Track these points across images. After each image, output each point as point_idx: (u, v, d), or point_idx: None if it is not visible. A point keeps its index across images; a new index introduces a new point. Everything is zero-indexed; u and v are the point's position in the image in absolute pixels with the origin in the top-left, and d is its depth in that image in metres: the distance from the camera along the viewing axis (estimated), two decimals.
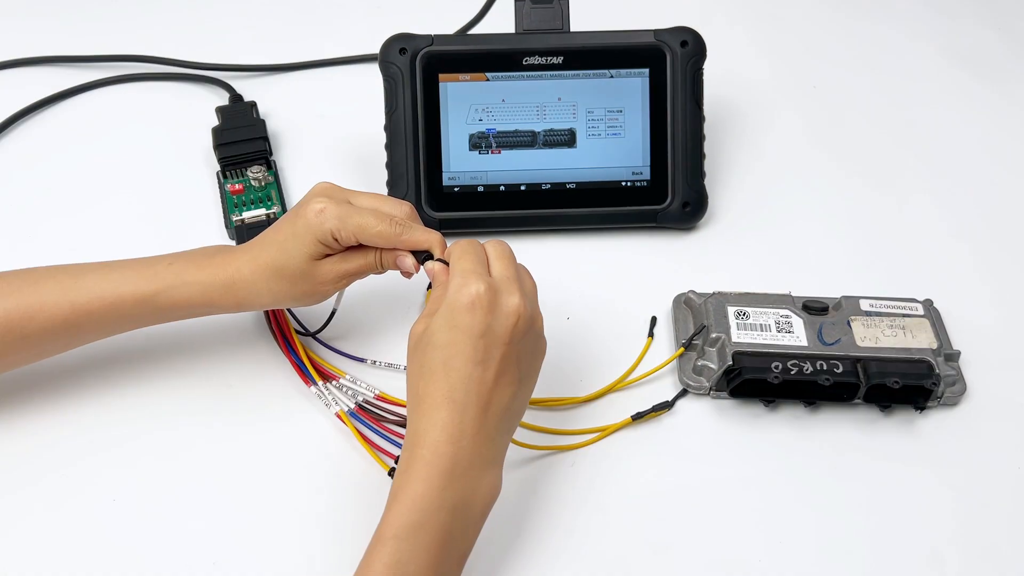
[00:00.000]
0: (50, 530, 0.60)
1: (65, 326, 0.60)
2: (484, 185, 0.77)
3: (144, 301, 0.61)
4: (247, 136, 0.83)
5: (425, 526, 0.50)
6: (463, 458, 0.52)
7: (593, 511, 0.62)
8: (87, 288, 0.60)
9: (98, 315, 0.60)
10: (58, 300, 0.60)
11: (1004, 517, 0.63)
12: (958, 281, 0.77)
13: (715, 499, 0.63)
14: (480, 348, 0.53)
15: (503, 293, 0.54)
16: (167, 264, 0.62)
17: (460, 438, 0.52)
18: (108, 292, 0.60)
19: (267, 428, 0.66)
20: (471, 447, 0.52)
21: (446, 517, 0.51)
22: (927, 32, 1.02)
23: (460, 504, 0.52)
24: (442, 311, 0.54)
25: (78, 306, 0.60)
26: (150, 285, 0.61)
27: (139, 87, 0.92)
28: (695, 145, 0.77)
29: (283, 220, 0.62)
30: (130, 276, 0.61)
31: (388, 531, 0.51)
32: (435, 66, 0.75)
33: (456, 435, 0.52)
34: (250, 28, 0.99)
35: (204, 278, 0.61)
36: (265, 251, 0.61)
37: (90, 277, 0.61)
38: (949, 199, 0.84)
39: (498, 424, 0.54)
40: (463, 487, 0.52)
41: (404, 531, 0.50)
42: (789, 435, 0.66)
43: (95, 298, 0.60)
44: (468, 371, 0.52)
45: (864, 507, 0.63)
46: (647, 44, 0.76)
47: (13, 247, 0.78)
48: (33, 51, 0.94)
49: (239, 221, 0.77)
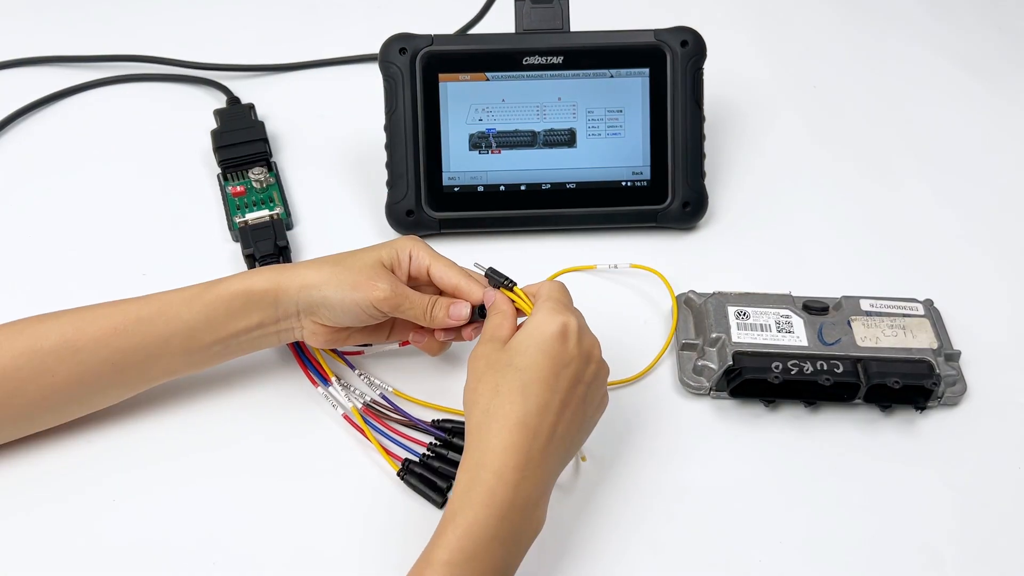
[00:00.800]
0: (50, 530, 0.60)
1: (116, 336, 0.59)
2: (484, 185, 0.77)
3: (191, 300, 0.60)
4: (247, 138, 0.83)
5: (479, 556, 0.49)
6: (524, 488, 0.51)
7: (593, 511, 0.62)
8: (135, 300, 0.61)
9: (147, 323, 0.60)
10: (108, 311, 0.60)
11: (1004, 517, 0.63)
12: (959, 281, 0.77)
13: (715, 499, 0.63)
14: (562, 378, 0.53)
15: (586, 332, 0.55)
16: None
17: (526, 466, 0.51)
18: (155, 298, 0.61)
19: (268, 428, 0.66)
20: (534, 477, 0.52)
21: (499, 549, 0.50)
22: (927, 32, 1.02)
23: (513, 537, 0.51)
24: (525, 336, 0.54)
25: (129, 313, 0.60)
26: (197, 287, 0.61)
27: (139, 87, 0.92)
28: (695, 145, 0.77)
29: (346, 256, 0.62)
30: (178, 289, 0.61)
31: (442, 555, 0.50)
32: (435, 66, 0.75)
33: (523, 463, 0.51)
34: (250, 28, 0.99)
35: (244, 275, 0.61)
36: (328, 257, 0.62)
37: (139, 297, 0.61)
38: (950, 199, 0.84)
39: (557, 459, 0.54)
40: (520, 519, 0.51)
41: (457, 558, 0.49)
42: (789, 435, 0.66)
43: (143, 303, 0.60)
44: (546, 398, 0.52)
45: (864, 507, 0.63)
46: (647, 44, 0.76)
47: (13, 247, 0.78)
48: (33, 51, 0.94)
49: (242, 223, 0.77)
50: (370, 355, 0.69)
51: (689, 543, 0.61)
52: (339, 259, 0.62)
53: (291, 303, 0.61)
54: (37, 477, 0.63)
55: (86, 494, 0.62)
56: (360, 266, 0.60)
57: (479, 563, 0.49)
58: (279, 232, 0.76)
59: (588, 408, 0.56)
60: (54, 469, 0.63)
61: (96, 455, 0.64)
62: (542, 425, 0.52)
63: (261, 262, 0.74)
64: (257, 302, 0.61)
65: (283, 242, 0.75)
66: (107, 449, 0.64)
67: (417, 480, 0.62)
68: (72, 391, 0.60)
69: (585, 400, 0.55)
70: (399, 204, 0.77)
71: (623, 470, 0.64)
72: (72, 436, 0.64)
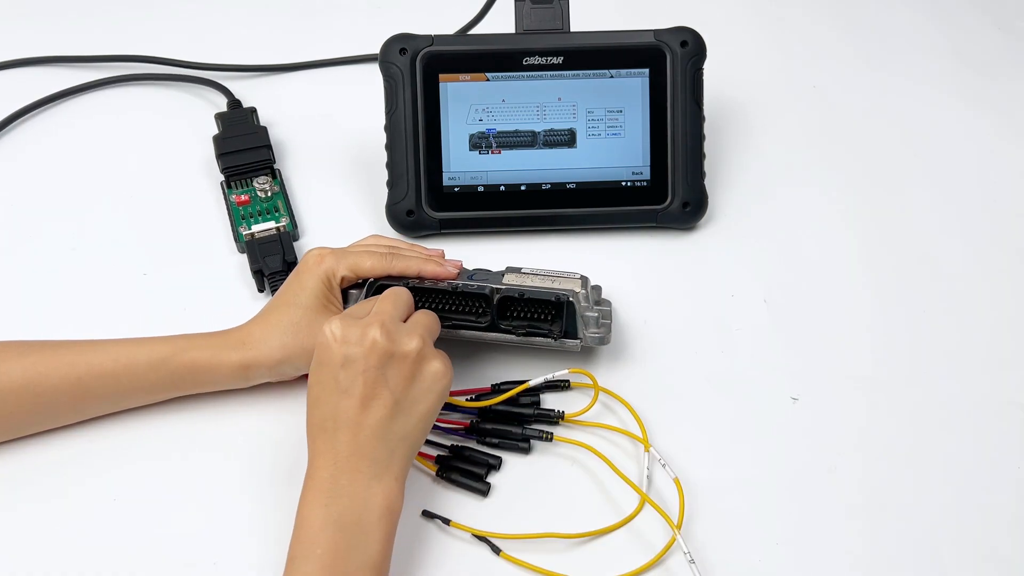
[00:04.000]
0: (50, 530, 0.60)
1: (78, 388, 0.62)
2: (484, 185, 0.77)
3: (157, 365, 0.63)
4: (250, 145, 0.82)
5: (315, 542, 0.53)
6: (341, 477, 0.55)
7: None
8: (103, 350, 0.63)
9: (111, 378, 0.62)
10: (74, 360, 0.62)
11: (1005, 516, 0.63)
12: (960, 281, 0.77)
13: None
14: (341, 378, 0.57)
15: (356, 327, 0.58)
16: (182, 334, 0.65)
17: (335, 460, 0.55)
18: (123, 354, 0.63)
19: (268, 428, 0.66)
20: (347, 466, 0.55)
21: (332, 531, 0.54)
22: (927, 32, 1.01)
23: (347, 517, 0.54)
24: (314, 352, 0.58)
25: (93, 366, 0.62)
26: (163, 348, 0.63)
27: (139, 88, 0.92)
28: (695, 145, 0.77)
29: (287, 280, 0.66)
30: (145, 342, 0.64)
31: (289, 553, 0.54)
32: (435, 66, 0.75)
33: (331, 458, 0.56)
34: (250, 28, 0.99)
35: (215, 339, 0.64)
36: (274, 310, 0.65)
37: (106, 343, 0.63)
38: (950, 198, 0.84)
39: (377, 443, 0.56)
40: (347, 503, 0.55)
41: (299, 551, 0.54)
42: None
43: (109, 360, 0.62)
44: (334, 401, 0.57)
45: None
46: (647, 44, 0.76)
47: (13, 247, 0.78)
48: (33, 51, 0.94)
49: (249, 235, 0.76)
50: None
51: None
52: (283, 320, 0.64)
53: (263, 375, 0.65)
54: (37, 476, 0.63)
55: (86, 493, 0.62)
56: (308, 324, 0.63)
57: (319, 548, 0.53)
58: (287, 247, 0.76)
59: (395, 389, 0.57)
60: (54, 468, 0.63)
61: (97, 454, 0.64)
62: (339, 422, 0.56)
63: (270, 279, 0.73)
64: (227, 376, 0.64)
65: (291, 257, 0.75)
66: (108, 448, 0.64)
67: (459, 475, 0.63)
68: (29, 420, 0.63)
69: (385, 383, 0.57)
70: (399, 204, 0.77)
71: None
72: (73, 435, 0.65)
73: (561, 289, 0.66)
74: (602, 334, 0.66)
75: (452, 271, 0.67)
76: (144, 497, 0.62)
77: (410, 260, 0.66)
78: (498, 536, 0.60)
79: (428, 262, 0.66)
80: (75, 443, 0.64)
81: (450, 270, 0.66)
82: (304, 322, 0.64)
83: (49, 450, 0.64)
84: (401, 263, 0.66)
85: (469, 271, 0.68)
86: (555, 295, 0.65)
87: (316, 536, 0.54)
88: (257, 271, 0.74)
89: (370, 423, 0.56)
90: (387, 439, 0.57)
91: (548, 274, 0.68)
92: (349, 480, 0.55)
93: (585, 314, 0.66)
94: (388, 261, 0.66)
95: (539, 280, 0.67)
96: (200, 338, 0.64)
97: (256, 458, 0.64)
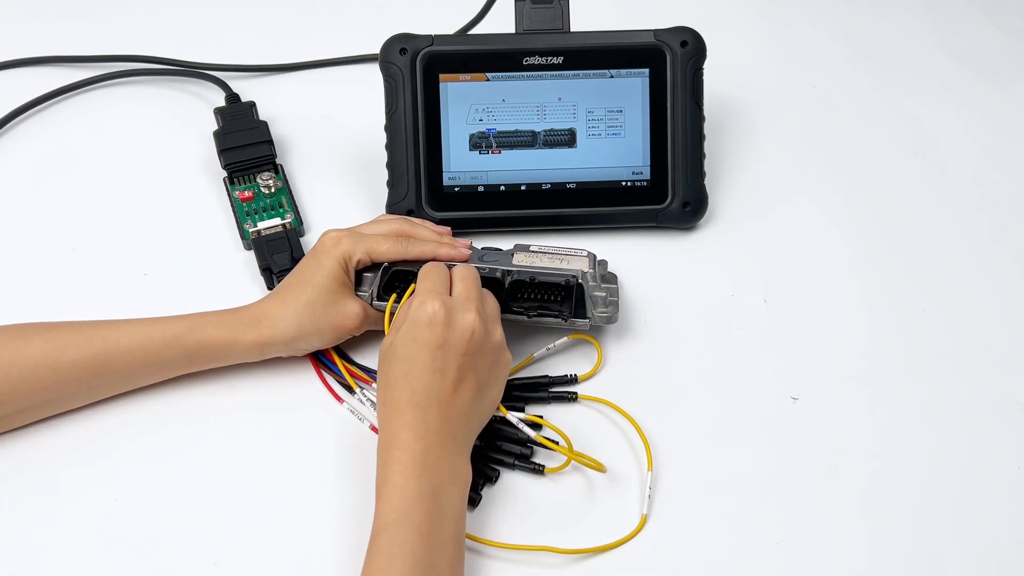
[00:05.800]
0: (50, 529, 0.60)
1: (95, 363, 0.63)
2: (484, 185, 0.77)
3: (172, 342, 0.64)
4: (251, 140, 0.82)
5: (413, 510, 0.55)
6: (431, 451, 0.57)
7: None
8: (119, 328, 0.64)
9: (127, 353, 0.63)
10: (91, 334, 0.63)
11: (1005, 516, 0.63)
12: (960, 280, 0.77)
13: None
14: (438, 358, 0.59)
15: (458, 311, 0.60)
16: (196, 312, 0.66)
17: (426, 435, 0.58)
18: (138, 331, 0.64)
19: (268, 427, 0.66)
20: (437, 441, 0.58)
21: (428, 501, 0.56)
22: (927, 32, 1.02)
23: (438, 488, 0.57)
24: (404, 327, 0.60)
25: (109, 341, 0.63)
26: (178, 325, 0.65)
27: (138, 86, 0.92)
28: (695, 145, 0.77)
29: (303, 260, 0.68)
30: (158, 320, 0.65)
31: (381, 521, 0.55)
32: (435, 66, 0.75)
33: (422, 433, 0.57)
34: (250, 28, 0.99)
35: (230, 317, 0.66)
36: (290, 289, 0.66)
37: (122, 322, 0.65)
38: (949, 198, 0.84)
39: (461, 422, 0.60)
40: (437, 474, 0.57)
41: (394, 517, 0.55)
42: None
43: (125, 336, 0.64)
44: (428, 379, 0.58)
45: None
46: (647, 44, 0.76)
47: (13, 247, 0.78)
48: (33, 51, 0.94)
49: (255, 233, 0.76)
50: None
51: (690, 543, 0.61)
52: (299, 299, 0.65)
53: (277, 351, 0.67)
54: (37, 475, 0.63)
55: (87, 492, 0.62)
56: (324, 302, 0.65)
57: (415, 515, 0.55)
58: (294, 243, 0.76)
59: (480, 373, 0.61)
60: (55, 467, 0.63)
61: (97, 453, 0.64)
62: (431, 400, 0.58)
63: (278, 276, 0.73)
64: (242, 352, 0.66)
65: (299, 253, 0.75)
66: (108, 448, 0.64)
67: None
68: (49, 397, 0.64)
69: (475, 367, 0.60)
70: (400, 204, 0.77)
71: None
72: (73, 435, 0.65)
73: (570, 270, 0.68)
74: (610, 313, 0.68)
75: (465, 253, 0.68)
76: (144, 497, 0.62)
77: (425, 245, 0.68)
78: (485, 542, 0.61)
79: (442, 246, 0.68)
80: (76, 443, 0.64)
81: (463, 251, 0.68)
82: (320, 302, 0.65)
83: (50, 449, 0.64)
84: (417, 248, 0.67)
85: (479, 250, 0.70)
86: (565, 279, 0.67)
87: (413, 504, 0.55)
88: (265, 268, 0.74)
89: (458, 404, 0.59)
90: (469, 420, 0.60)
91: (556, 252, 0.70)
92: (437, 456, 0.57)
93: (593, 294, 0.68)
94: (404, 246, 0.67)
95: (548, 260, 0.69)
96: (215, 315, 0.66)
97: (256, 457, 0.64)
